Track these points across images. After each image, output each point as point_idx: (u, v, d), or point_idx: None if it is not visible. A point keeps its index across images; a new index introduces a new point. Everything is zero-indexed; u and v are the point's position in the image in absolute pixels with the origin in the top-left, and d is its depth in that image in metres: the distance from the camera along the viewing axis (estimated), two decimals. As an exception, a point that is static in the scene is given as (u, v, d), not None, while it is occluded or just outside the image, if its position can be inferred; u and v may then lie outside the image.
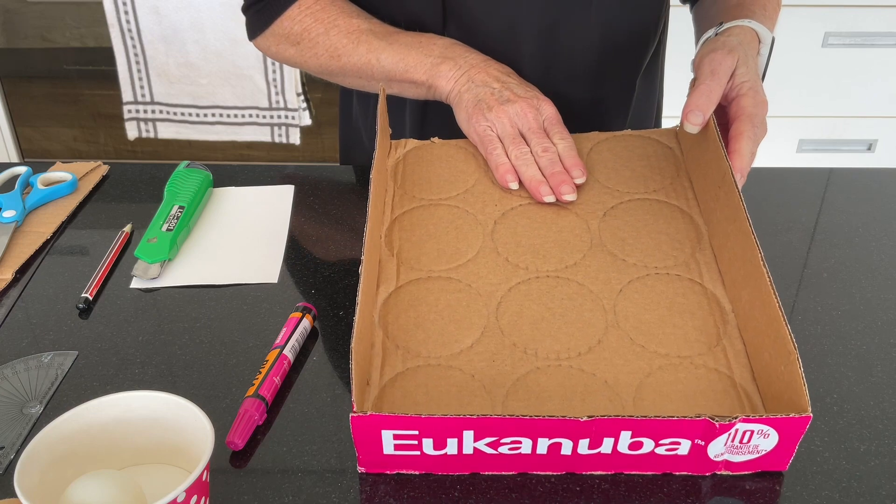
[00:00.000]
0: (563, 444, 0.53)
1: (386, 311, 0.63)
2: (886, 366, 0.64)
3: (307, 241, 0.79)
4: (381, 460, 0.54)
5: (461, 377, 0.59)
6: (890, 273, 0.75)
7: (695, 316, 0.63)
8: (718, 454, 0.54)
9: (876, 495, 0.54)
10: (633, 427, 0.52)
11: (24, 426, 0.59)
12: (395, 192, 0.74)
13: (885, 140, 2.00)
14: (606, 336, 0.62)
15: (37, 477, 0.48)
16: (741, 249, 0.63)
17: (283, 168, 0.92)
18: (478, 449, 0.53)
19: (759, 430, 0.52)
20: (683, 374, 0.59)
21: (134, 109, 1.94)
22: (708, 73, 0.72)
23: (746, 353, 0.60)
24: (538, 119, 0.77)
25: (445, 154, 0.79)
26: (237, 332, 0.67)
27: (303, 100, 1.90)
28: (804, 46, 1.86)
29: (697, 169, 0.74)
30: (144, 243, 0.76)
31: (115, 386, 0.62)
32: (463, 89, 0.79)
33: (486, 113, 0.77)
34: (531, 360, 0.60)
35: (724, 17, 0.82)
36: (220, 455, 0.56)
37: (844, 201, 0.86)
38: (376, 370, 0.59)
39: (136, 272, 0.73)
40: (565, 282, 0.66)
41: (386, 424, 0.52)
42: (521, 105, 0.77)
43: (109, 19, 1.83)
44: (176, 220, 0.78)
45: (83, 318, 0.69)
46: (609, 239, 0.70)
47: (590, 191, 0.75)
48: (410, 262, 0.67)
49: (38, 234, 0.79)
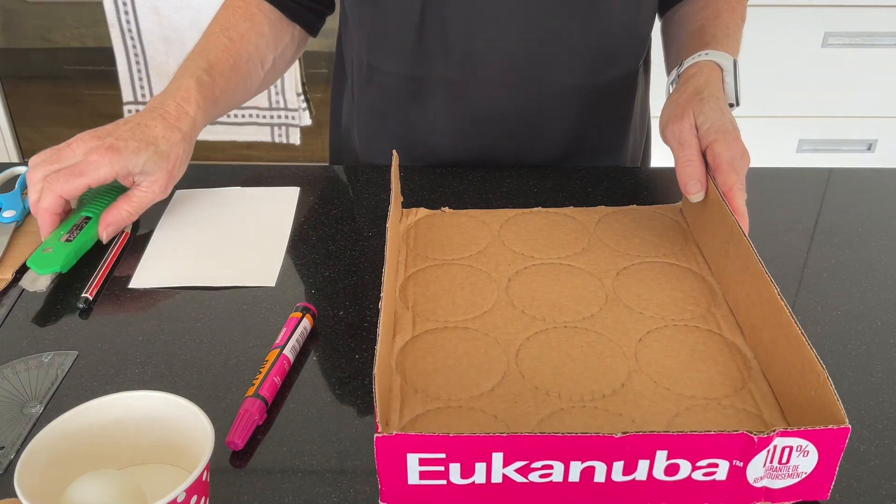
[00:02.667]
0: (597, 468, 0.51)
1: (403, 358, 0.63)
2: (886, 366, 0.64)
3: (307, 241, 0.79)
4: (405, 492, 0.52)
5: (484, 418, 0.58)
6: (890, 273, 0.75)
7: (717, 362, 0.63)
8: (758, 478, 0.52)
9: (876, 495, 0.54)
10: (670, 445, 0.50)
11: (24, 426, 0.59)
12: (407, 254, 0.75)
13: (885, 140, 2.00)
14: (630, 380, 0.61)
15: (37, 477, 0.48)
16: (757, 293, 0.63)
17: (283, 168, 0.92)
18: (507, 477, 0.51)
19: (797, 447, 0.51)
20: (712, 415, 0.58)
21: (134, 109, 1.94)
22: (677, 145, 0.75)
23: (773, 393, 0.60)
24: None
25: (456, 222, 0.80)
26: (237, 332, 0.67)
27: (303, 100, 1.90)
28: (804, 46, 1.86)
29: (704, 233, 0.75)
30: (39, 252, 0.73)
31: (115, 386, 0.62)
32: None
33: None
34: (555, 402, 0.59)
35: (684, 50, 0.86)
36: (220, 455, 0.56)
37: (844, 201, 0.87)
38: (395, 412, 0.58)
39: (24, 283, 0.70)
40: (584, 331, 0.66)
41: (412, 446, 0.50)
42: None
43: (109, 19, 1.83)
44: (78, 231, 0.75)
45: (83, 318, 0.69)
46: (624, 295, 0.70)
47: (600, 254, 0.75)
48: (426, 313, 0.67)
49: (38, 234, 0.79)
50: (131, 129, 0.76)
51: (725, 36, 0.85)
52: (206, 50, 0.86)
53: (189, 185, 0.89)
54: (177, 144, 0.78)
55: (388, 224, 0.68)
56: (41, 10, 1.91)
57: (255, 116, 1.93)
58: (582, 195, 0.87)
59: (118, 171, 0.74)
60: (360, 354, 0.65)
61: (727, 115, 0.76)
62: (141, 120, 0.78)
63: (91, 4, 1.87)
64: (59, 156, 0.75)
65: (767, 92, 1.90)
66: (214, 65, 0.85)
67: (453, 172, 0.91)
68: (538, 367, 0.62)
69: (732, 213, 0.68)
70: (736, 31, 0.87)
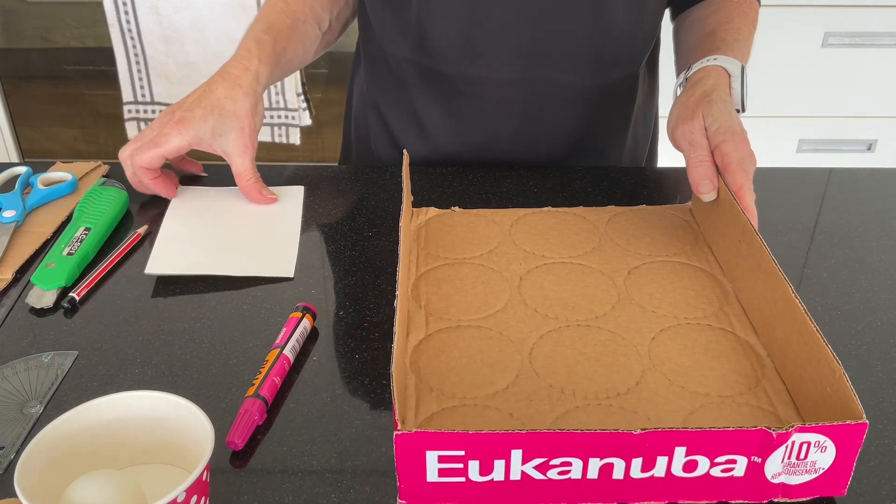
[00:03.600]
0: (616, 465, 0.51)
1: (417, 357, 0.63)
2: (886, 366, 0.64)
3: (307, 241, 0.79)
4: (424, 490, 0.52)
5: (499, 416, 0.58)
6: (890, 273, 0.75)
7: (731, 360, 0.63)
8: (776, 474, 0.52)
9: (876, 495, 0.54)
10: (689, 441, 0.50)
11: (24, 426, 0.59)
12: (419, 253, 0.75)
13: (885, 140, 2.00)
14: (644, 378, 0.61)
15: (37, 477, 0.48)
16: (770, 290, 0.63)
17: (283, 168, 0.92)
18: (526, 474, 0.51)
19: (815, 442, 0.51)
20: (727, 412, 0.58)
21: (134, 109, 1.94)
22: (687, 146, 0.76)
23: (788, 391, 0.60)
24: None
25: (467, 221, 0.80)
26: (237, 332, 0.67)
27: (303, 100, 1.90)
28: (804, 46, 1.86)
29: (715, 232, 0.75)
30: (42, 268, 0.72)
31: (115, 386, 0.62)
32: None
33: None
34: (570, 400, 0.59)
35: (694, 54, 0.87)
36: (220, 455, 0.56)
37: (844, 201, 0.87)
38: (411, 410, 0.58)
39: (30, 300, 0.70)
40: (597, 330, 0.66)
41: (432, 443, 0.50)
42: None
43: (109, 19, 1.83)
44: (79, 244, 0.75)
45: (81, 319, 0.69)
46: (636, 293, 0.70)
47: (611, 253, 0.75)
48: (439, 312, 0.67)
49: (38, 234, 0.79)
50: (197, 98, 0.82)
51: (735, 41, 0.85)
52: (265, 14, 0.90)
53: (189, 185, 0.89)
54: (240, 99, 0.82)
55: (401, 223, 0.68)
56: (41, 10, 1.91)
57: (255, 116, 1.93)
58: (582, 195, 0.87)
59: (189, 140, 0.80)
60: (360, 354, 0.65)
61: (735, 117, 0.76)
62: (206, 87, 0.83)
63: (91, 4, 1.87)
64: (140, 135, 0.82)
65: (767, 92, 1.90)
66: (272, 25, 0.88)
67: (453, 172, 0.91)
68: (552, 366, 0.62)
69: (744, 213, 0.68)
70: (747, 36, 0.88)
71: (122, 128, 1.96)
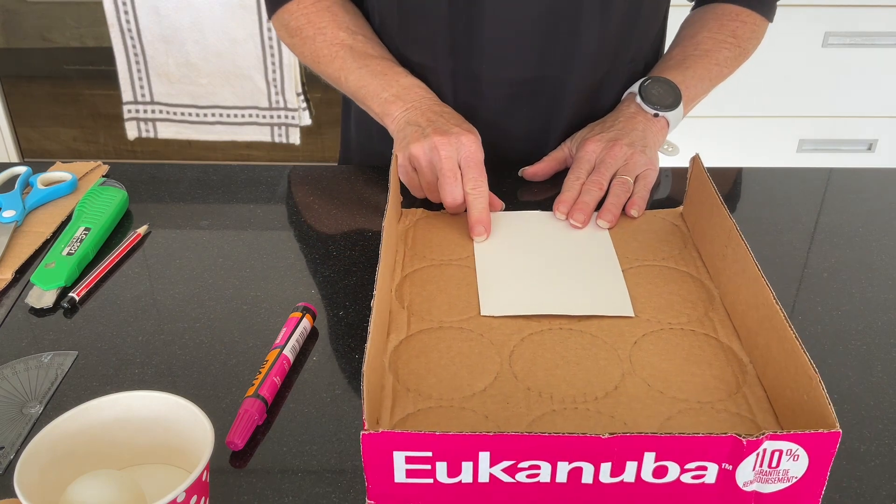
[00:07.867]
0: (584, 469, 0.51)
1: (396, 357, 0.63)
2: (886, 366, 0.64)
3: (307, 241, 0.79)
4: (392, 490, 0.52)
5: (474, 418, 0.58)
6: (890, 273, 0.75)
7: (712, 366, 0.63)
8: (748, 482, 0.52)
9: (876, 495, 0.54)
10: (658, 447, 0.50)
11: (24, 426, 0.59)
12: (405, 253, 0.75)
13: (885, 140, 2.00)
14: (623, 382, 0.61)
15: (37, 477, 0.48)
16: (753, 296, 0.62)
17: (283, 168, 0.92)
18: (494, 476, 0.51)
19: (787, 450, 0.51)
20: (705, 419, 0.58)
21: (134, 109, 1.95)
22: (575, 161, 0.86)
23: (768, 399, 0.60)
24: (451, 157, 0.79)
25: (455, 223, 0.80)
26: (237, 332, 0.67)
27: (303, 100, 1.90)
28: (804, 46, 1.86)
29: (703, 237, 0.75)
30: (42, 268, 0.72)
31: (115, 386, 0.62)
32: (399, 129, 0.83)
33: (406, 149, 0.81)
34: (547, 404, 0.59)
35: (657, 69, 0.93)
36: (220, 455, 0.56)
37: (844, 201, 0.87)
38: (386, 411, 0.58)
39: (30, 300, 0.70)
40: (578, 333, 0.66)
41: (399, 444, 0.50)
42: (436, 140, 0.78)
43: (109, 19, 1.83)
44: (79, 244, 0.75)
45: (80, 319, 0.69)
46: None
47: None
48: (421, 313, 0.67)
49: (38, 234, 0.79)
50: (435, 116, 0.82)
51: (695, 80, 0.90)
52: (352, 47, 0.89)
53: (188, 185, 0.89)
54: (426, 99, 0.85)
55: (385, 223, 0.68)
56: (41, 10, 1.91)
57: (255, 116, 1.93)
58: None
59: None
60: (359, 354, 0.65)
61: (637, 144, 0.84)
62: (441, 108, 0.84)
63: (91, 4, 1.87)
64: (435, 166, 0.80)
65: (767, 92, 1.90)
66: (368, 55, 0.89)
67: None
68: (531, 369, 0.62)
69: (731, 218, 0.68)
70: (710, 75, 0.91)
71: (122, 128, 1.96)
